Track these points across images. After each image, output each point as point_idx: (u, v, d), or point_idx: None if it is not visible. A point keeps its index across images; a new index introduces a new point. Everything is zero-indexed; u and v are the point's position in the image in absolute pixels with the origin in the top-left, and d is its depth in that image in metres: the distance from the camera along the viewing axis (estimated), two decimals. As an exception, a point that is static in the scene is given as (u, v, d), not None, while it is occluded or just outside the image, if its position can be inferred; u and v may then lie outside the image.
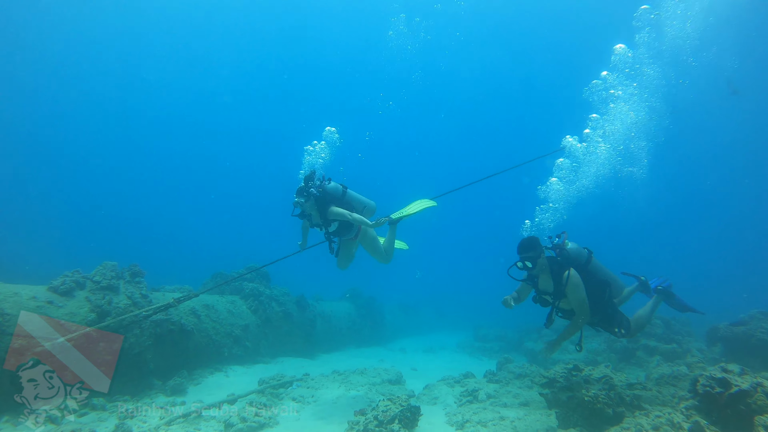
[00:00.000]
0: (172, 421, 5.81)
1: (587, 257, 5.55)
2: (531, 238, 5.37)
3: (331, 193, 6.60)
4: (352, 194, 6.91)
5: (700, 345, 11.83)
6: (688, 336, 12.23)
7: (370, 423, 5.34)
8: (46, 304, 6.66)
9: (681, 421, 4.92)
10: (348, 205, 6.69)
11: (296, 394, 7.40)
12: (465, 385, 8.27)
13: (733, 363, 8.46)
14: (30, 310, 6.39)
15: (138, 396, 7.04)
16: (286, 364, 10.37)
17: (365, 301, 16.86)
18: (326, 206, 6.41)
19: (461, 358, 14.46)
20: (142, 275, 8.31)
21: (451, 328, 22.24)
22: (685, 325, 13.00)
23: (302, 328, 12.25)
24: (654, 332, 11.71)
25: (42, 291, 6.90)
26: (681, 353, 10.81)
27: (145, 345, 7.48)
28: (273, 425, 5.98)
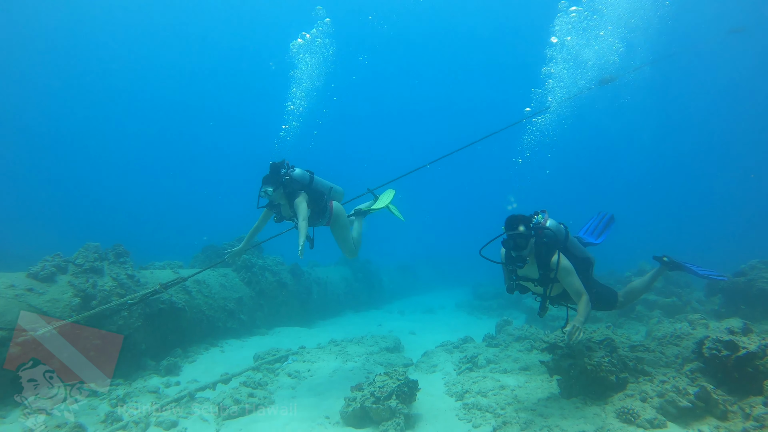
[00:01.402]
0: (165, 407, 5.64)
1: (565, 234, 5.13)
2: (522, 215, 4.86)
3: (299, 180, 6.29)
4: (319, 180, 6.63)
5: (700, 296, 11.77)
6: (687, 288, 12.16)
7: (366, 400, 5.18)
8: (25, 292, 6.39)
9: (686, 385, 4.78)
10: (316, 192, 6.42)
11: (292, 369, 7.25)
12: (464, 350, 8.16)
13: (734, 317, 8.42)
14: (8, 300, 6.13)
15: (131, 378, 6.89)
16: (282, 334, 10.26)
17: (361, 264, 16.75)
18: (295, 195, 6.12)
19: (460, 318, 14.45)
20: (127, 255, 8.03)
21: (449, 287, 22.29)
22: (682, 275, 12.92)
23: (298, 296, 12.11)
24: (653, 285, 11.60)
25: (21, 278, 6.61)
26: (681, 306, 10.75)
27: (135, 326, 7.27)
28: (268, 405, 5.83)
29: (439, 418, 5.41)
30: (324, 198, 6.52)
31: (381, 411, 5.09)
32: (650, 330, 8.56)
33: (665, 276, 11.93)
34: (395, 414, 5.09)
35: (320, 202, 6.42)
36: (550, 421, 4.79)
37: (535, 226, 4.88)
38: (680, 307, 10.71)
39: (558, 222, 5.18)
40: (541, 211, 5.18)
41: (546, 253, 4.74)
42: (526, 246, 4.64)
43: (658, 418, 4.52)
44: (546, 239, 4.83)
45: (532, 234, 4.69)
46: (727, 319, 8.58)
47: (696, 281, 13.24)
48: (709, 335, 5.22)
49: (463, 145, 8.05)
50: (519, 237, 4.61)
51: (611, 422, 4.58)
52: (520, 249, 4.63)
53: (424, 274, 24.03)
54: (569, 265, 4.71)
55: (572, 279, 4.67)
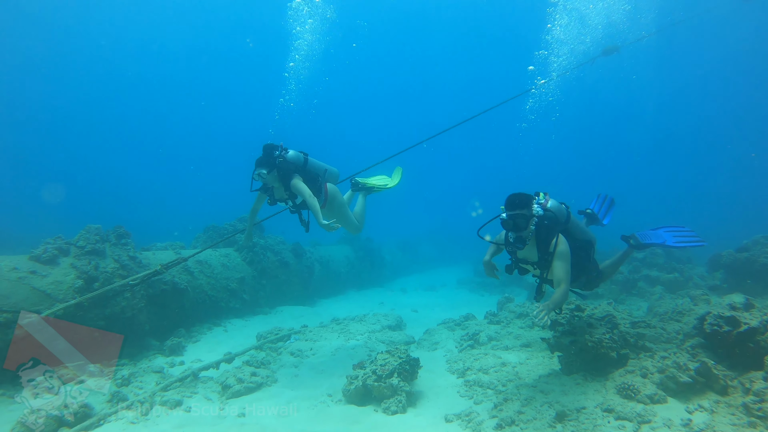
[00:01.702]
0: (169, 386, 5.70)
1: (567, 215, 4.88)
2: (524, 194, 4.61)
3: (293, 162, 6.16)
4: (314, 161, 6.52)
5: (702, 272, 11.78)
6: (689, 263, 12.17)
7: (368, 378, 5.22)
8: (29, 274, 6.41)
9: (687, 361, 4.79)
10: (310, 174, 6.30)
11: (294, 348, 7.30)
12: (466, 328, 8.20)
13: (736, 292, 8.43)
14: (12, 282, 6.16)
15: (136, 359, 6.95)
16: (285, 313, 10.32)
17: (363, 242, 16.77)
18: (289, 177, 5.99)
19: (462, 295, 14.51)
20: (129, 236, 8.03)
21: (451, 264, 22.34)
22: (684, 251, 12.91)
23: (300, 275, 12.14)
24: (655, 262, 11.62)
25: (23, 261, 6.63)
26: (683, 282, 10.76)
27: (138, 307, 7.32)
28: (271, 384, 5.90)
29: (440, 395, 5.46)
30: (319, 180, 6.40)
31: (383, 388, 5.13)
32: (652, 306, 8.59)
33: (668, 253, 11.96)
34: (397, 391, 5.13)
35: (315, 185, 6.28)
36: (550, 397, 4.82)
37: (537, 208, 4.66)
38: (682, 282, 10.72)
39: (559, 202, 4.96)
40: (543, 193, 4.94)
41: (546, 235, 4.50)
42: (526, 227, 4.45)
43: (659, 394, 4.55)
44: (547, 221, 4.60)
45: (533, 215, 4.49)
46: (729, 294, 8.60)
47: (698, 257, 13.25)
48: (710, 311, 5.21)
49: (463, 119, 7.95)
50: (519, 218, 4.42)
51: (612, 398, 4.61)
52: (519, 230, 4.46)
53: (425, 251, 24.07)
54: (566, 250, 4.47)
55: (562, 264, 4.42)
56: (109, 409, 5.00)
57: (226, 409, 5.19)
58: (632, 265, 11.72)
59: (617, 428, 4.10)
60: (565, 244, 4.49)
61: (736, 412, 4.11)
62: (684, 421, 4.12)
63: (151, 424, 4.80)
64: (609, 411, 4.37)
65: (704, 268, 11.92)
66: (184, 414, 5.08)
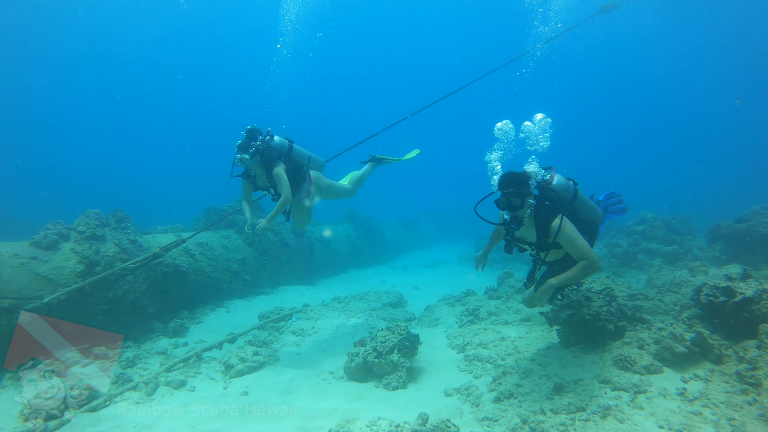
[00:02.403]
0: (173, 367, 5.78)
1: (573, 192, 4.50)
2: (518, 172, 4.31)
3: (277, 148, 5.98)
4: (299, 149, 6.33)
5: (701, 243, 11.80)
6: (688, 235, 12.19)
7: (369, 354, 5.29)
8: (30, 260, 6.46)
9: (683, 332, 4.84)
10: (294, 162, 6.13)
11: (296, 326, 7.38)
12: (466, 303, 8.27)
13: (734, 263, 8.47)
14: (14, 268, 6.21)
15: (140, 341, 7.03)
16: (287, 293, 10.40)
17: (363, 221, 16.81)
18: (272, 164, 5.84)
19: (463, 271, 14.57)
20: (128, 220, 8.05)
21: (452, 241, 22.44)
22: (685, 223, 12.93)
23: (301, 255, 12.21)
24: (655, 234, 11.63)
25: (24, 247, 6.67)
26: (682, 254, 10.78)
27: (140, 290, 7.38)
28: (273, 362, 5.97)
29: (441, 370, 5.53)
30: (303, 169, 6.22)
31: (383, 365, 5.20)
32: (651, 278, 8.63)
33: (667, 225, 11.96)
34: (397, 367, 5.20)
35: (299, 173, 6.13)
36: (548, 370, 4.89)
37: (539, 185, 4.39)
38: (681, 254, 10.75)
39: (567, 178, 4.57)
40: (548, 168, 4.56)
41: (546, 216, 4.21)
42: (521, 206, 4.17)
43: (655, 364, 4.61)
44: (548, 201, 4.32)
45: (529, 193, 4.21)
46: (727, 265, 8.63)
47: (698, 228, 13.27)
48: (707, 282, 5.25)
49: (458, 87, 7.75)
50: (512, 196, 4.15)
51: (608, 369, 4.68)
52: (514, 209, 4.19)
53: (427, 228, 24.14)
54: (572, 229, 4.13)
55: (577, 243, 4.10)
56: (115, 390, 5.09)
57: (230, 388, 5.28)
58: (632, 238, 11.76)
59: (614, 398, 4.16)
60: (570, 224, 4.16)
61: (729, 380, 4.17)
62: (679, 390, 4.18)
63: (156, 404, 4.89)
64: (606, 382, 4.44)
65: (704, 240, 11.94)
66: (188, 393, 5.17)
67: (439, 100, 7.65)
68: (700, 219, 14.67)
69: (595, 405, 4.01)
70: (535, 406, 4.18)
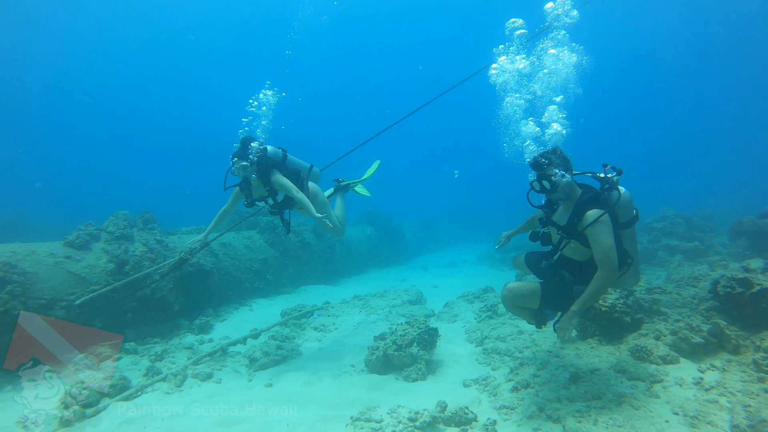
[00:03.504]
0: (199, 361, 5.99)
1: (632, 218, 3.97)
2: (549, 151, 3.95)
3: (271, 157, 5.75)
4: (293, 159, 6.09)
5: (724, 240, 11.67)
6: (710, 232, 12.07)
7: (389, 348, 5.43)
8: (64, 259, 6.75)
9: (700, 323, 4.88)
10: (290, 172, 5.86)
11: (318, 323, 7.56)
12: (484, 300, 8.36)
13: (756, 258, 8.39)
14: (50, 267, 6.50)
15: (167, 337, 7.27)
16: (308, 292, 10.60)
17: (383, 221, 16.97)
18: (269, 173, 5.60)
19: (482, 271, 14.64)
20: (155, 221, 8.34)
21: (471, 241, 22.44)
22: (707, 221, 12.80)
23: (321, 255, 12.41)
24: (675, 231, 11.55)
25: (58, 246, 6.97)
26: (704, 250, 10.70)
27: (167, 288, 7.63)
28: (296, 356, 6.15)
29: (459, 362, 5.64)
30: (300, 176, 6.00)
31: (403, 357, 5.34)
32: (670, 274, 8.61)
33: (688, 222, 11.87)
34: (417, 360, 5.33)
35: (296, 181, 5.83)
36: (565, 360, 4.97)
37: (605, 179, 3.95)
38: (703, 251, 10.67)
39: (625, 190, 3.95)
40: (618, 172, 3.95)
41: (587, 202, 3.83)
42: (554, 189, 3.85)
43: (671, 354, 4.66)
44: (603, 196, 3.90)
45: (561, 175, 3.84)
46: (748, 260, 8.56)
47: (720, 225, 13.11)
48: (724, 274, 5.27)
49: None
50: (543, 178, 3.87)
51: (625, 359, 4.73)
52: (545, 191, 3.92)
53: (446, 229, 24.18)
54: (607, 228, 3.67)
55: (604, 243, 3.64)
56: (146, 382, 5.31)
57: (254, 380, 5.46)
58: (651, 234, 11.70)
59: (630, 387, 4.22)
60: (607, 224, 3.69)
61: (747, 369, 4.20)
62: (695, 380, 4.23)
63: (184, 395, 5.09)
64: (622, 372, 4.50)
65: (726, 237, 11.81)
66: (214, 385, 5.36)
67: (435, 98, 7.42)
68: (723, 216, 14.49)
69: (611, 393, 4.08)
70: (551, 395, 4.27)
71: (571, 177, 3.93)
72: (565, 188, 3.88)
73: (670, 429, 3.51)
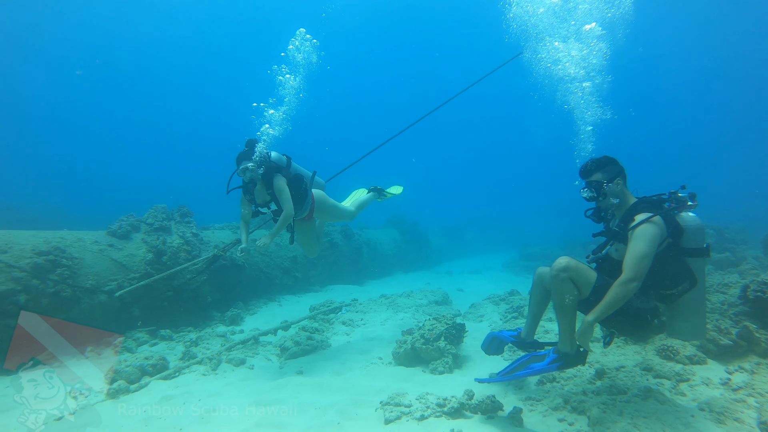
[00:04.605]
0: (232, 347, 6.23)
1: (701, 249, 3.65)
2: (604, 158, 3.82)
3: (275, 162, 5.66)
4: (297, 166, 5.99)
5: (757, 253, 11.49)
6: (742, 244, 11.90)
7: (417, 341, 5.56)
8: (107, 247, 7.08)
9: (729, 326, 4.90)
10: (293, 177, 5.73)
11: (346, 318, 7.74)
12: (510, 302, 8.42)
13: (789, 268, 8.27)
14: (95, 254, 6.84)
15: (200, 327, 7.52)
16: (335, 291, 10.80)
17: (409, 226, 17.15)
18: (272, 177, 5.47)
19: (507, 277, 14.64)
20: (191, 215, 8.67)
21: (496, 250, 22.42)
22: (739, 233, 12.61)
23: (349, 256, 12.62)
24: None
25: (102, 235, 7.32)
26: (735, 261, 10.56)
27: (201, 280, 7.90)
28: (325, 347, 6.33)
29: (485, 358, 5.68)
30: (304, 182, 5.84)
31: (430, 351, 5.46)
32: (700, 283, 8.52)
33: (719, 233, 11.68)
34: (444, 353, 5.44)
35: (300, 188, 5.74)
36: (591, 357, 5.02)
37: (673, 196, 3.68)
38: (734, 262, 10.52)
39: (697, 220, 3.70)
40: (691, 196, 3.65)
41: (638, 207, 3.65)
42: (602, 190, 3.74)
43: (698, 355, 4.69)
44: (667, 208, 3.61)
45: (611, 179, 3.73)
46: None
47: (753, 239, 12.90)
48: (755, 279, 5.27)
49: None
50: (592, 185, 3.77)
51: (651, 358, 4.78)
52: (593, 199, 3.83)
53: (471, 237, 24.24)
54: (652, 235, 3.39)
55: (639, 247, 3.38)
56: (182, 364, 5.55)
57: (285, 368, 5.65)
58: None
59: (655, 385, 4.28)
60: (654, 229, 3.42)
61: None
62: (723, 380, 4.26)
63: (219, 377, 5.31)
64: (648, 370, 4.55)
65: (760, 250, 11.62)
66: (247, 370, 5.57)
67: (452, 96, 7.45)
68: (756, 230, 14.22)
69: (636, 389, 4.14)
70: (576, 389, 4.34)
71: (624, 184, 3.80)
72: (616, 195, 3.75)
73: (696, 423, 3.57)
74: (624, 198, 3.79)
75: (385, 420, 3.99)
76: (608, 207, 3.80)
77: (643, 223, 3.43)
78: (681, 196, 3.64)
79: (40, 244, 6.19)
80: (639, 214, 3.54)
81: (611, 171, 3.76)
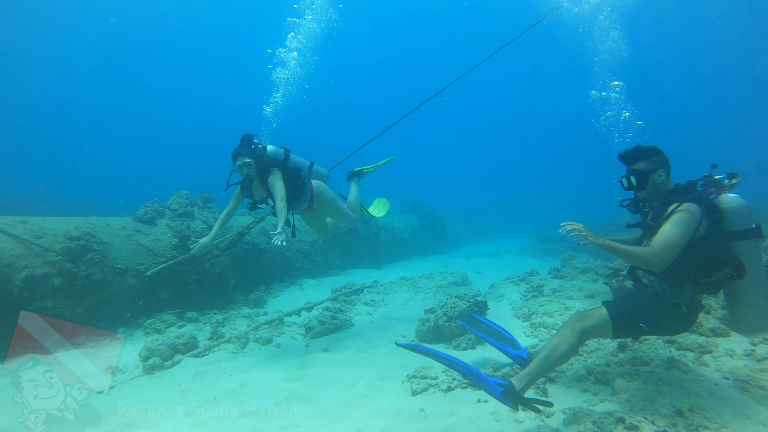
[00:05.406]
0: (258, 328, 6.38)
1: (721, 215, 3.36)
2: (650, 147, 3.63)
3: (271, 156, 5.49)
4: (296, 158, 5.78)
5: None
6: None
7: (440, 319, 5.65)
8: (134, 233, 7.27)
9: (753, 300, 4.89)
10: (291, 171, 5.55)
11: (368, 299, 7.87)
12: (530, 282, 8.47)
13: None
14: (123, 238, 7.03)
15: (225, 309, 7.69)
16: (355, 275, 10.93)
17: (426, 211, 17.18)
18: (267, 172, 5.32)
19: (526, 261, 14.64)
20: (213, 201, 8.83)
21: (514, 234, 22.40)
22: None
23: (367, 240, 12.74)
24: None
25: (129, 221, 7.50)
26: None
27: (225, 264, 8.06)
28: (349, 327, 6.45)
29: (506, 335, 5.81)
30: (302, 175, 5.62)
31: (453, 328, 5.55)
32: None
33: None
34: (466, 330, 5.53)
35: (297, 180, 5.55)
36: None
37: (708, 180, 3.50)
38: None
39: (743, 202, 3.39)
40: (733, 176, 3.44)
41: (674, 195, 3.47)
42: (646, 180, 3.57)
43: (722, 327, 4.71)
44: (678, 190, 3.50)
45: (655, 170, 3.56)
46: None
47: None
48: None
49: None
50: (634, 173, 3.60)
51: (674, 331, 4.80)
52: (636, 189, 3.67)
53: (489, 222, 24.21)
54: (687, 220, 3.19)
55: (672, 230, 3.18)
56: (211, 343, 5.71)
57: (311, 346, 5.79)
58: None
59: (679, 356, 4.32)
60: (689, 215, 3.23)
61: (801, 342, 4.23)
62: (747, 351, 4.28)
63: (248, 355, 5.47)
64: (671, 342, 4.59)
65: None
66: (275, 349, 5.72)
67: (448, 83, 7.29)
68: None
69: (659, 359, 4.19)
70: (600, 361, 4.40)
71: (667, 176, 3.60)
72: (658, 187, 3.57)
73: (720, 391, 3.61)
74: (664, 189, 3.60)
75: (412, 392, 4.10)
76: (648, 198, 3.66)
77: (675, 213, 3.26)
78: (717, 178, 3.46)
79: (71, 230, 6.38)
80: (672, 204, 3.36)
81: (656, 161, 3.59)
